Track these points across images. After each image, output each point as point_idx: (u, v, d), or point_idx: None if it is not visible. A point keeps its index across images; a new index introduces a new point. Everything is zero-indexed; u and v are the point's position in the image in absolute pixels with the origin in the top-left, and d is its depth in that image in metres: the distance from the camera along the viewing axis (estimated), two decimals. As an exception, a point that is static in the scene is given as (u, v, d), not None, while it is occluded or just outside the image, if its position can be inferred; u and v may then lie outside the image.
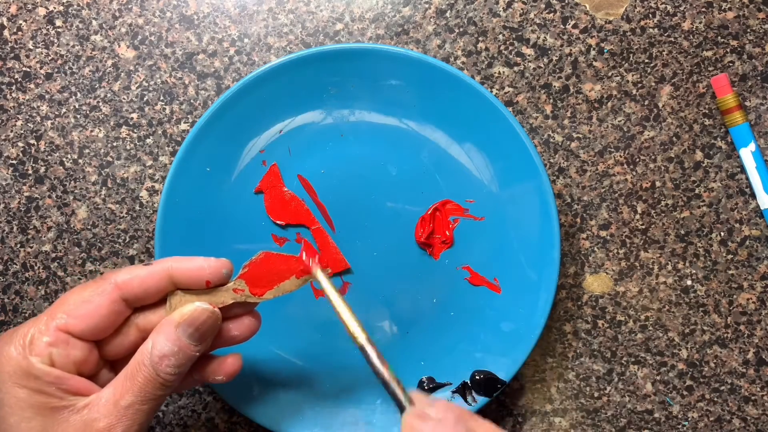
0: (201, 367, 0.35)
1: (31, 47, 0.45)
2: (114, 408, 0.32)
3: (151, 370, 0.32)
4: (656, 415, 0.45)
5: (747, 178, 0.44)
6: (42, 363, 0.31)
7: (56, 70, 0.45)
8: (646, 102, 0.45)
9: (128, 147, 0.45)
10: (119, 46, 0.45)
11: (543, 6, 0.45)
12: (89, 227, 0.45)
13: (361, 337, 0.33)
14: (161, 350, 0.32)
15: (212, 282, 0.34)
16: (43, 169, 0.45)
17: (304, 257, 0.36)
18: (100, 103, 0.45)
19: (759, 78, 0.45)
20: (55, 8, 0.45)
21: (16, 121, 0.45)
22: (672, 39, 0.45)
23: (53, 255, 0.45)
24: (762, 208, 0.44)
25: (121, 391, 0.32)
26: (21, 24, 0.45)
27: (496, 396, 0.43)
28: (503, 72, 0.45)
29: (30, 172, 0.45)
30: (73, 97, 0.45)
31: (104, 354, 0.34)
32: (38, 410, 0.31)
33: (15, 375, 0.31)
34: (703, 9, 0.45)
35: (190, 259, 0.34)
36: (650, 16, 0.45)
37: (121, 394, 0.32)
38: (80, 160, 0.45)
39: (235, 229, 0.43)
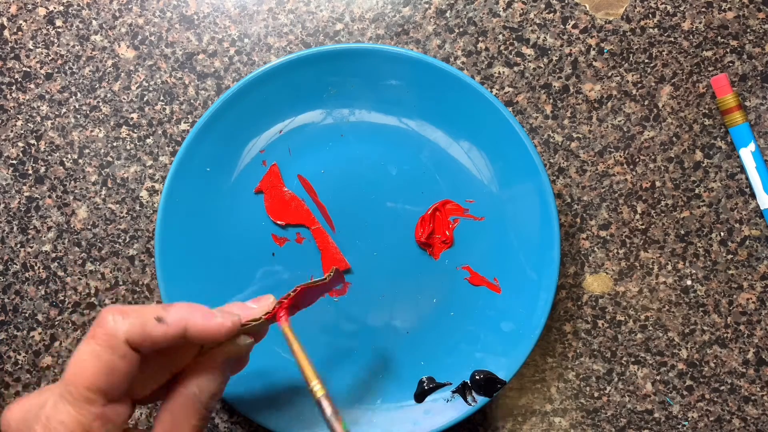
0: None
1: (31, 47, 0.45)
2: None
3: (204, 411, 0.31)
4: (656, 415, 0.45)
5: (747, 178, 0.44)
6: None
7: (56, 70, 0.45)
8: (646, 102, 0.45)
9: (128, 147, 0.45)
10: (119, 46, 0.45)
11: (543, 6, 0.45)
12: (89, 227, 0.45)
13: (320, 392, 0.32)
14: (211, 391, 0.31)
15: (225, 340, 0.33)
16: (43, 169, 0.45)
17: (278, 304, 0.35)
18: (100, 103, 0.45)
19: (759, 78, 0.45)
20: (55, 8, 0.45)
21: (16, 121, 0.45)
22: (672, 39, 0.45)
23: (53, 255, 0.45)
24: (762, 208, 0.44)
25: None
26: (21, 24, 0.45)
27: (496, 396, 0.43)
28: (503, 72, 0.45)
29: (30, 172, 0.45)
30: (73, 97, 0.45)
31: (133, 396, 0.32)
32: None
33: None
34: (703, 9, 0.45)
35: (205, 317, 0.31)
36: (650, 16, 0.45)
37: None
38: (80, 160, 0.45)
39: (235, 229, 0.43)
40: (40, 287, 0.45)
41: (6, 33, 0.45)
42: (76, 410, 0.28)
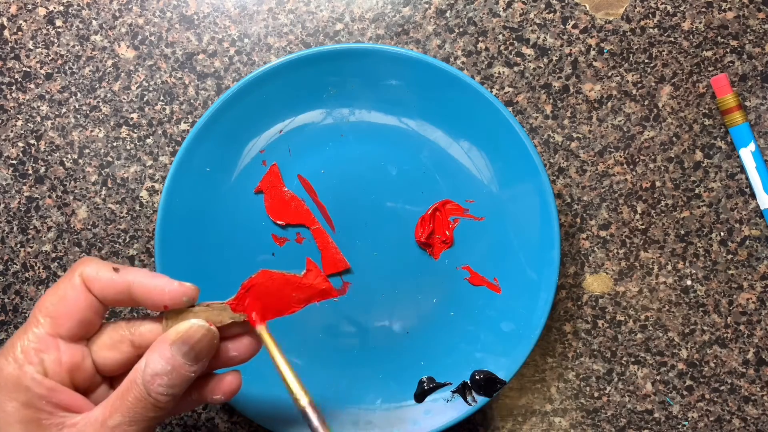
0: (199, 386, 0.34)
1: (31, 47, 0.45)
2: (101, 428, 0.30)
3: (142, 389, 0.30)
4: (656, 415, 0.45)
5: (747, 178, 0.44)
6: (36, 372, 0.30)
7: (56, 70, 0.45)
8: (646, 102, 0.45)
9: (128, 147, 0.45)
10: (119, 46, 0.45)
11: (543, 6, 0.45)
12: (89, 227, 0.45)
13: (304, 400, 0.32)
14: (154, 369, 0.30)
15: (170, 306, 0.32)
16: (43, 169, 0.45)
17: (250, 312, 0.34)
18: (100, 103, 0.45)
19: (759, 78, 0.45)
20: (55, 8, 0.45)
21: (16, 121, 0.45)
22: (672, 39, 0.45)
23: (53, 255, 0.45)
24: (762, 208, 0.44)
25: (111, 410, 0.30)
26: (21, 24, 0.45)
27: (496, 396, 0.43)
28: (503, 72, 0.45)
29: (30, 172, 0.45)
30: (73, 97, 0.45)
31: (100, 370, 0.32)
32: (26, 425, 0.29)
33: (6, 387, 0.29)
34: (703, 9, 0.45)
35: (153, 277, 0.31)
36: (650, 16, 0.45)
37: (110, 413, 0.30)
38: (80, 160, 0.45)
39: (235, 229, 0.43)
40: (40, 287, 0.45)
41: (6, 33, 0.45)
42: (27, 333, 0.30)
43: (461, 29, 0.45)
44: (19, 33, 0.45)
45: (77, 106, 0.45)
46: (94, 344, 0.32)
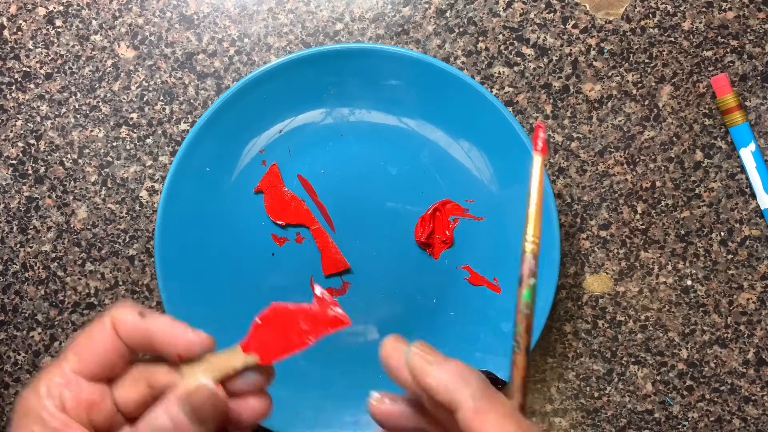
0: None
1: (31, 47, 0.45)
2: None
3: None
4: (656, 415, 0.45)
5: (747, 178, 0.44)
6: (53, 406, 0.30)
7: (56, 70, 0.45)
8: (646, 102, 0.45)
9: (128, 147, 0.45)
10: (119, 46, 0.45)
11: (543, 6, 0.45)
12: (89, 227, 0.45)
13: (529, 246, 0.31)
14: (159, 425, 0.30)
15: (183, 356, 0.31)
16: (43, 169, 0.45)
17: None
18: (100, 103, 0.45)
19: (759, 78, 0.45)
20: (55, 8, 0.45)
21: (16, 121, 0.45)
22: (672, 39, 0.45)
23: (53, 255, 0.45)
24: (762, 208, 0.44)
25: None
26: (21, 24, 0.45)
27: (496, 396, 0.43)
28: (503, 72, 0.45)
29: (30, 172, 0.45)
30: (73, 97, 0.45)
31: (120, 409, 0.32)
32: None
33: (28, 416, 0.30)
34: (703, 9, 0.45)
35: (173, 325, 0.31)
36: (650, 16, 0.45)
37: None
38: (80, 160, 0.45)
39: (235, 229, 0.43)
40: (39, 287, 0.45)
41: (6, 33, 0.45)
42: (55, 368, 0.31)
43: (461, 29, 0.45)
44: (19, 33, 0.45)
45: (77, 106, 0.45)
46: (117, 384, 0.33)
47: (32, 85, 0.45)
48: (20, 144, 0.45)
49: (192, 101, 0.45)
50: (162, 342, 0.31)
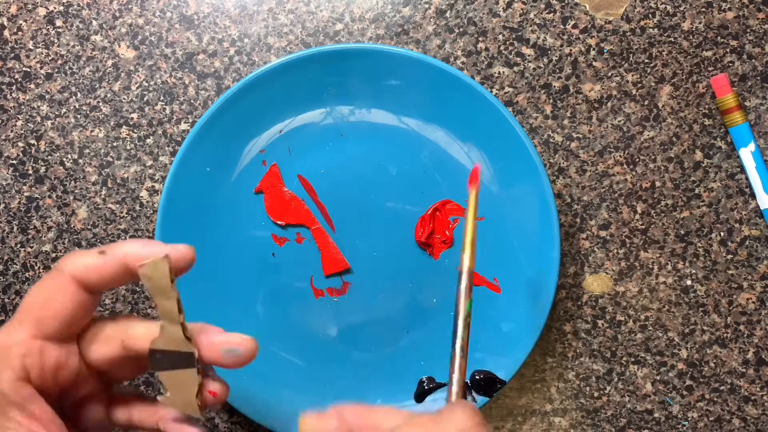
0: None
1: (31, 47, 0.45)
2: None
3: None
4: (656, 415, 0.45)
5: (747, 178, 0.44)
6: (16, 378, 0.29)
7: (56, 70, 0.45)
8: (646, 102, 0.45)
9: (128, 147, 0.45)
10: (119, 46, 0.45)
11: (543, 6, 0.45)
12: (89, 227, 0.45)
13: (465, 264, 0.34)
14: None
15: (177, 273, 0.30)
16: (43, 169, 0.45)
17: None
18: (100, 103, 0.45)
19: (759, 78, 0.45)
20: (55, 8, 0.45)
21: (16, 121, 0.45)
22: (672, 39, 0.45)
23: (53, 255, 0.45)
24: (762, 208, 0.44)
25: None
26: (21, 24, 0.45)
27: (496, 396, 0.43)
28: (503, 72, 0.45)
29: (30, 172, 0.45)
30: (73, 97, 0.45)
31: (89, 364, 0.31)
32: None
33: None
34: (703, 9, 0.45)
35: (146, 245, 0.30)
36: (650, 16, 0.45)
37: None
38: (80, 160, 0.45)
39: (235, 229, 0.43)
40: (40, 287, 0.45)
41: (6, 33, 0.45)
42: (9, 334, 0.29)
43: (461, 29, 0.45)
44: (19, 33, 0.45)
45: (77, 106, 0.45)
46: (83, 339, 0.31)
47: (32, 85, 0.45)
48: (20, 144, 0.45)
49: (192, 101, 0.45)
50: (136, 262, 0.29)
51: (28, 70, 0.45)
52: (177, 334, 0.30)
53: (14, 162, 0.45)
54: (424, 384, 0.43)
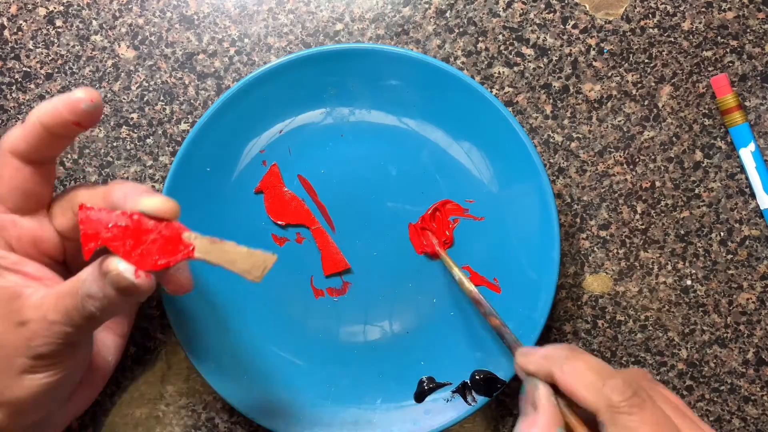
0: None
1: (31, 47, 0.45)
2: (43, 320, 0.30)
3: (79, 302, 0.30)
4: (656, 415, 0.45)
5: (747, 178, 0.44)
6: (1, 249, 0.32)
7: (56, 70, 0.45)
8: (646, 102, 0.45)
9: (128, 147, 0.45)
10: (119, 46, 0.45)
11: (543, 6, 0.45)
12: (89, 227, 0.45)
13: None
14: (89, 290, 0.30)
15: (82, 123, 0.32)
16: (43, 169, 0.45)
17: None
18: (100, 103, 0.45)
19: (759, 78, 0.45)
20: (55, 8, 0.45)
21: (16, 121, 0.45)
22: (672, 39, 0.45)
23: (53, 255, 0.45)
24: (762, 208, 0.44)
25: (53, 306, 0.31)
26: (21, 24, 0.45)
27: (496, 396, 0.43)
28: (503, 72, 0.45)
29: (30, 172, 0.45)
30: (73, 97, 0.45)
31: (62, 236, 0.34)
32: None
33: None
34: (703, 9, 0.45)
35: (54, 98, 0.32)
36: (650, 16, 0.45)
37: (52, 308, 0.30)
38: (80, 160, 0.45)
39: (235, 229, 0.43)
40: (40, 287, 0.45)
41: (6, 33, 0.45)
42: None
43: (461, 29, 0.45)
44: (19, 33, 0.45)
45: (77, 106, 0.45)
46: (50, 213, 0.34)
47: (32, 85, 0.45)
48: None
49: (192, 101, 0.45)
50: (52, 121, 0.31)
51: (28, 70, 0.45)
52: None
53: (14, 162, 0.45)
54: (424, 384, 0.43)
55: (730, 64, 0.45)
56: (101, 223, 0.30)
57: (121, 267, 0.29)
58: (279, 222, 0.43)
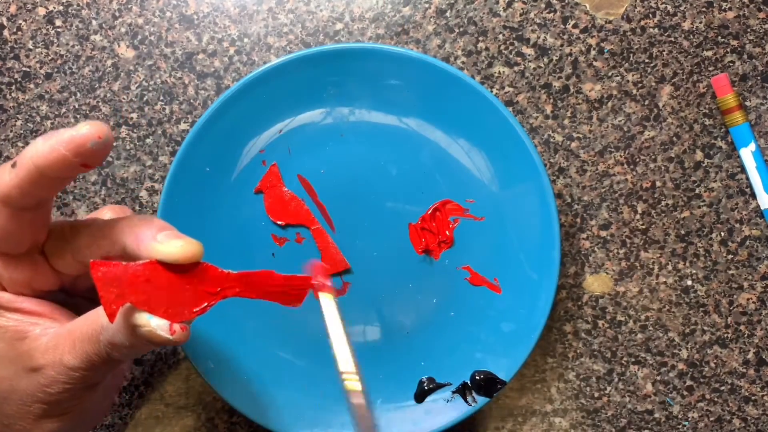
0: None
1: (31, 47, 0.45)
2: (59, 364, 0.29)
3: (102, 350, 0.29)
4: (656, 415, 0.45)
5: (747, 178, 0.44)
6: None
7: (56, 70, 0.45)
8: (646, 102, 0.45)
9: (128, 147, 0.45)
10: (119, 46, 0.45)
11: (543, 6, 0.45)
12: (89, 227, 0.45)
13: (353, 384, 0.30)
14: (112, 339, 0.28)
15: (90, 164, 0.27)
16: (42, 169, 0.45)
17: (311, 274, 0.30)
18: (100, 103, 0.45)
19: (759, 78, 0.45)
20: (54, 8, 0.45)
21: (16, 121, 0.45)
22: (672, 39, 0.45)
23: (53, 255, 0.45)
24: (762, 208, 0.44)
25: (70, 350, 0.29)
26: (21, 24, 0.45)
27: (496, 396, 0.43)
28: (503, 72, 0.45)
29: (30, 172, 0.45)
30: (73, 97, 0.45)
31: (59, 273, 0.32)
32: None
33: None
34: (704, 9, 0.45)
35: (48, 137, 0.27)
36: (650, 15, 0.45)
37: (69, 353, 0.29)
38: (80, 160, 0.45)
39: (235, 229, 0.43)
40: (39, 287, 0.45)
41: (6, 33, 0.45)
42: None
43: (461, 29, 0.45)
44: (19, 33, 0.45)
45: (77, 106, 0.45)
46: (46, 251, 0.31)
47: (32, 85, 0.45)
48: (20, 144, 0.45)
49: (192, 101, 0.45)
50: (50, 166, 0.27)
51: (28, 70, 0.45)
52: None
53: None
54: (424, 384, 0.43)
55: (731, 64, 0.45)
56: (120, 282, 0.26)
57: (153, 324, 0.27)
58: (279, 222, 0.43)
